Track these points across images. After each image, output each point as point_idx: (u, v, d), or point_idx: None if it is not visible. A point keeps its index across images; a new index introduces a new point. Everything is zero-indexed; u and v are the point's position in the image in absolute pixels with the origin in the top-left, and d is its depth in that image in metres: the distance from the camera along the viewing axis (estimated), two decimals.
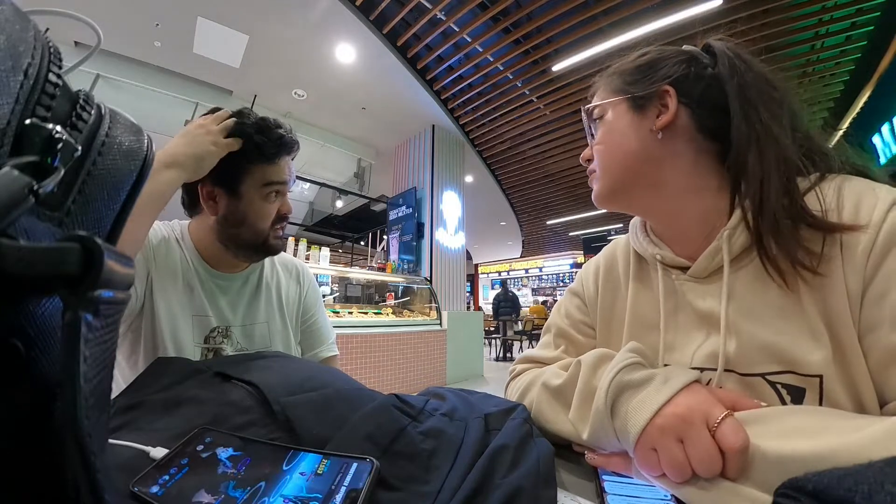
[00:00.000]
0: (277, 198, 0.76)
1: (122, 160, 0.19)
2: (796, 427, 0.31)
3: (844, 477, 0.21)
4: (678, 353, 0.47)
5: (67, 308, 0.12)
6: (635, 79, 0.51)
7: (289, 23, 3.56)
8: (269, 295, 0.86)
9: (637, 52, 0.54)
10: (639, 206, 0.54)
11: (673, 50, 0.52)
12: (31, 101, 0.15)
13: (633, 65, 0.52)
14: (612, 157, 0.52)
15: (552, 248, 13.21)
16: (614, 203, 0.54)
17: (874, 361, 0.36)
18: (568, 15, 3.41)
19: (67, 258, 0.12)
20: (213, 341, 0.76)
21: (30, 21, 0.16)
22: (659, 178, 0.49)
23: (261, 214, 0.74)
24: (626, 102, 0.51)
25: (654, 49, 0.53)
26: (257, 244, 0.76)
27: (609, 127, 0.53)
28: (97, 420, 0.13)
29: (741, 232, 0.43)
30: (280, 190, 0.75)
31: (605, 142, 0.53)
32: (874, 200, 0.37)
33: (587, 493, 0.36)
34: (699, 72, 0.48)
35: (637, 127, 0.50)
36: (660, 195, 0.50)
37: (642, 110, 0.50)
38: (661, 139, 0.48)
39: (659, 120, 0.48)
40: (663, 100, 0.48)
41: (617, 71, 0.54)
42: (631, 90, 0.51)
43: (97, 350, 0.13)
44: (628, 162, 0.50)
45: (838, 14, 3.32)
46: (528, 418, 0.45)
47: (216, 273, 0.80)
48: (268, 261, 0.89)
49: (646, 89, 0.50)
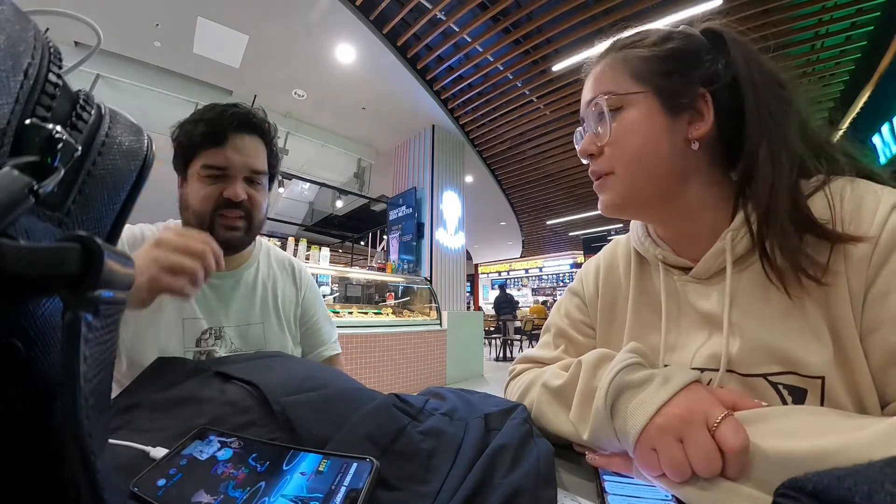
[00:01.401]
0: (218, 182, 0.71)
1: (122, 160, 0.19)
2: (796, 427, 0.31)
3: (844, 477, 0.21)
4: (679, 353, 0.47)
5: (67, 308, 0.12)
6: (666, 69, 0.44)
7: (289, 23, 3.56)
8: (265, 295, 0.84)
9: (655, 30, 0.47)
10: (649, 217, 0.51)
11: (700, 41, 0.45)
12: (32, 101, 0.15)
13: (659, 50, 0.45)
14: (638, 165, 0.44)
15: (552, 248, 13.21)
16: (625, 214, 0.49)
17: (875, 362, 0.36)
18: (568, 15, 3.41)
19: (67, 258, 0.12)
20: (204, 343, 0.74)
21: (30, 21, 0.16)
22: (678, 191, 0.45)
23: (197, 196, 0.70)
24: (656, 98, 0.44)
25: (677, 32, 0.46)
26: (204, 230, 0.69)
27: (634, 126, 0.44)
28: (97, 420, 0.13)
29: (744, 234, 0.43)
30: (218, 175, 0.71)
31: (628, 144, 0.45)
32: (876, 203, 0.37)
33: (588, 493, 0.36)
34: (724, 72, 0.43)
35: (670, 132, 0.43)
36: (675, 208, 0.46)
37: (675, 113, 0.43)
38: (694, 151, 0.43)
39: (696, 129, 0.43)
40: (698, 104, 0.43)
41: (639, 54, 0.45)
42: (664, 85, 0.43)
43: (97, 350, 0.13)
44: (656, 173, 0.44)
45: (838, 14, 3.32)
46: (528, 418, 0.45)
47: None
48: (263, 259, 0.87)
49: (684, 89, 0.43)
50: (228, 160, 0.71)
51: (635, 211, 0.49)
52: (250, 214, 0.74)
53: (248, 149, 0.73)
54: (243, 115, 0.73)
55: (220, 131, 0.71)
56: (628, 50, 0.46)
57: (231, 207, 0.72)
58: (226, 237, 0.72)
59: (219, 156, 0.70)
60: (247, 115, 0.74)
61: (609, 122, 0.45)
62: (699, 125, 0.43)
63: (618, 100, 0.45)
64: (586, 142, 0.48)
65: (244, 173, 0.73)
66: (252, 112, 0.75)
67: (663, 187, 0.45)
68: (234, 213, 0.72)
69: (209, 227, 0.71)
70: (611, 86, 0.46)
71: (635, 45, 0.46)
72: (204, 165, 0.70)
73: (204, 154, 0.71)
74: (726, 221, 0.45)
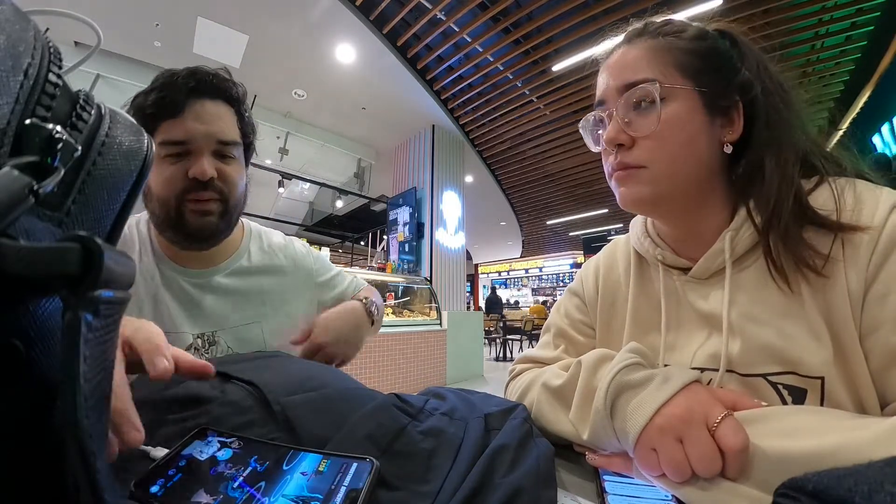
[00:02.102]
0: (182, 160, 0.60)
1: (122, 160, 0.19)
2: (796, 426, 0.31)
3: (844, 477, 0.21)
4: (679, 353, 0.47)
5: (67, 308, 0.12)
6: (705, 66, 0.43)
7: (289, 23, 3.56)
8: (261, 289, 0.73)
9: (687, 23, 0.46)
10: (665, 215, 0.49)
11: (726, 47, 0.45)
12: (32, 102, 0.15)
13: (703, 46, 0.43)
14: (679, 162, 0.43)
15: (552, 248, 13.21)
16: (647, 209, 0.48)
17: (875, 363, 0.36)
18: (568, 15, 3.41)
19: (67, 258, 0.12)
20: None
21: (30, 21, 0.16)
22: (701, 192, 0.45)
23: (159, 178, 0.59)
24: (700, 97, 0.42)
25: (709, 31, 0.45)
26: (171, 219, 0.60)
27: (678, 121, 0.42)
28: (97, 420, 0.13)
29: (744, 233, 0.43)
30: (180, 152, 0.59)
31: (673, 140, 0.42)
32: (876, 203, 0.38)
33: (588, 493, 0.36)
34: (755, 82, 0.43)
35: (709, 134, 0.43)
36: (693, 208, 0.46)
37: (714, 115, 0.43)
38: (724, 154, 0.44)
39: (729, 133, 0.43)
40: (733, 110, 0.43)
41: (682, 46, 0.43)
42: (707, 83, 0.42)
43: (97, 350, 0.13)
44: (694, 173, 0.43)
45: (838, 14, 3.32)
46: (528, 418, 0.45)
47: (185, 270, 0.67)
48: (254, 247, 0.76)
49: (725, 91, 0.43)
50: (188, 132, 0.59)
51: (660, 207, 0.47)
52: (224, 194, 0.62)
53: (212, 116, 0.62)
54: (202, 76, 0.62)
55: (176, 98, 0.59)
56: (671, 38, 0.43)
57: (200, 189, 0.60)
58: (198, 224, 0.61)
59: (177, 128, 0.59)
60: (206, 75, 0.63)
61: (657, 112, 0.42)
62: (730, 130, 0.43)
63: (665, 91, 0.42)
64: (615, 129, 0.44)
65: (210, 146, 0.61)
66: (214, 72, 0.64)
67: (692, 187, 0.44)
68: (204, 194, 0.60)
69: (177, 216, 0.60)
70: (656, 73, 0.42)
71: (677, 34, 0.44)
72: (162, 142, 0.59)
73: (161, 129, 0.59)
74: (726, 221, 0.45)
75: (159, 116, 0.59)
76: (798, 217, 0.39)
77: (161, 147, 0.59)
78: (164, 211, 0.60)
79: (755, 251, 0.43)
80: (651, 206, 0.46)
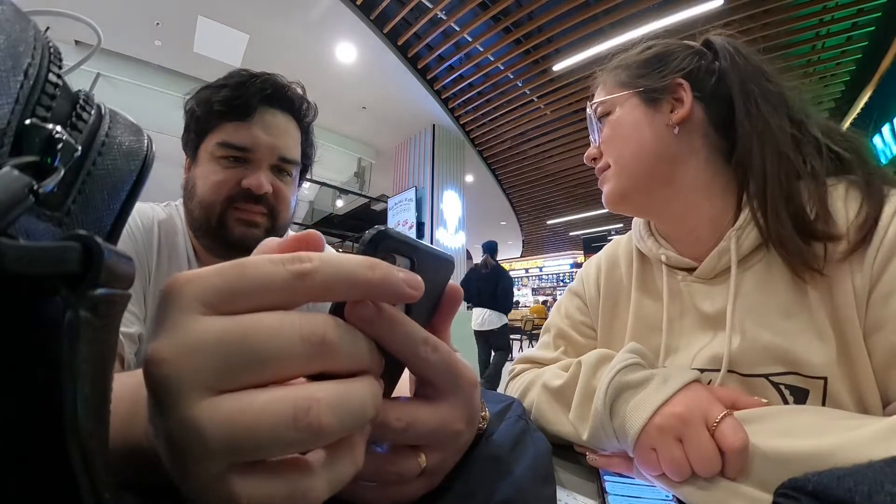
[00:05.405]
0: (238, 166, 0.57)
1: (123, 160, 0.19)
2: (796, 426, 0.31)
3: (844, 477, 0.21)
4: (680, 354, 0.47)
5: (68, 307, 0.12)
6: (645, 72, 0.49)
7: (289, 22, 3.56)
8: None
9: (641, 45, 0.52)
10: (649, 208, 0.52)
11: (679, 43, 0.50)
12: (31, 102, 0.15)
13: (640, 58, 0.50)
14: (627, 154, 0.49)
15: (552, 248, 13.20)
16: (626, 203, 0.52)
17: (878, 361, 0.36)
18: (568, 15, 3.41)
19: (67, 257, 0.12)
20: None
21: (30, 21, 0.16)
22: (673, 175, 0.48)
23: (208, 181, 0.55)
24: (637, 96, 0.49)
25: (660, 42, 0.51)
26: (212, 227, 0.56)
27: (620, 122, 0.50)
28: (98, 420, 0.13)
29: (749, 232, 0.43)
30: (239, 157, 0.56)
31: (616, 138, 0.50)
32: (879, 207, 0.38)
33: (588, 492, 0.36)
34: (709, 65, 0.47)
35: (651, 121, 0.48)
36: (672, 195, 0.48)
37: (655, 104, 0.48)
38: (678, 134, 0.47)
39: (675, 114, 0.47)
40: (677, 93, 0.47)
41: (622, 65, 0.52)
42: (642, 83, 0.49)
43: (98, 349, 0.13)
44: (644, 158, 0.48)
45: (839, 14, 3.31)
46: (523, 414, 0.45)
47: None
48: None
49: (659, 82, 0.48)
50: (255, 140, 0.56)
51: (633, 199, 0.51)
52: (275, 212, 0.59)
53: (280, 129, 0.59)
54: (278, 86, 0.58)
55: (249, 102, 0.56)
56: (615, 67, 0.53)
57: (251, 201, 0.56)
58: (241, 234, 0.57)
59: (242, 132, 0.56)
60: (282, 87, 0.59)
61: (601, 127, 0.52)
62: (679, 110, 0.47)
63: (605, 106, 0.51)
64: (590, 149, 0.54)
65: (271, 160, 0.58)
66: (289, 85, 0.60)
67: (654, 172, 0.48)
68: (254, 207, 0.57)
69: (218, 224, 0.56)
70: (602, 96, 0.53)
71: (621, 62, 0.52)
72: (221, 143, 0.56)
73: (223, 128, 0.56)
74: (727, 212, 0.45)
75: (225, 115, 0.56)
76: (790, 216, 0.39)
77: (219, 147, 0.56)
78: (205, 215, 0.57)
79: (760, 250, 0.43)
80: (620, 199, 0.51)
